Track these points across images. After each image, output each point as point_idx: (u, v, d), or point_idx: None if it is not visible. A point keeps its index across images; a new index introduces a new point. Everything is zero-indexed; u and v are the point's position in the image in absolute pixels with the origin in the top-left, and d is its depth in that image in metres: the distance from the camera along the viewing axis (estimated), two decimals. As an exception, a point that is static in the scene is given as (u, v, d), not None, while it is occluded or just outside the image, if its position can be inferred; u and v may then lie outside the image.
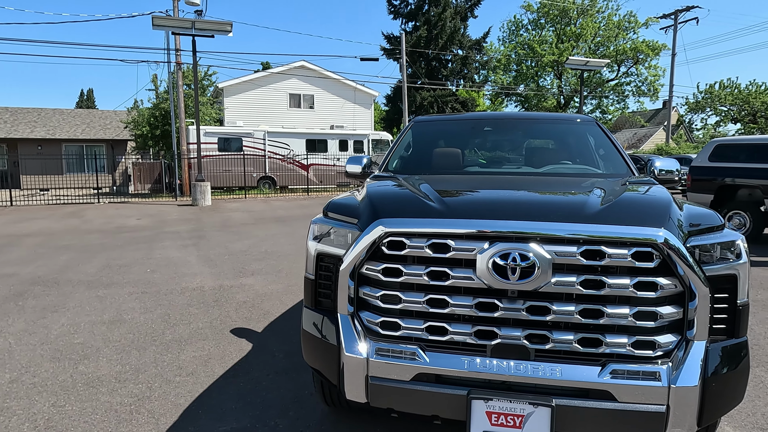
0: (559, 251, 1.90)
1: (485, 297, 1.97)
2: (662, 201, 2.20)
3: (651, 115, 49.26)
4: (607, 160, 3.45)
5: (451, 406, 1.95)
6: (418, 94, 40.60)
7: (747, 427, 2.83)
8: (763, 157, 9.06)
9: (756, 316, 4.93)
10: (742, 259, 2.05)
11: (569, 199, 2.36)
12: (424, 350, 2.02)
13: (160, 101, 23.80)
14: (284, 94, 28.42)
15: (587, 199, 2.17)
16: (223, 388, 3.27)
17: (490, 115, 4.24)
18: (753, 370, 3.63)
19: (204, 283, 6.20)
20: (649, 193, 2.41)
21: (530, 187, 2.70)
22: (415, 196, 2.33)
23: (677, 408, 1.84)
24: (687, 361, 1.88)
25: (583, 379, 1.88)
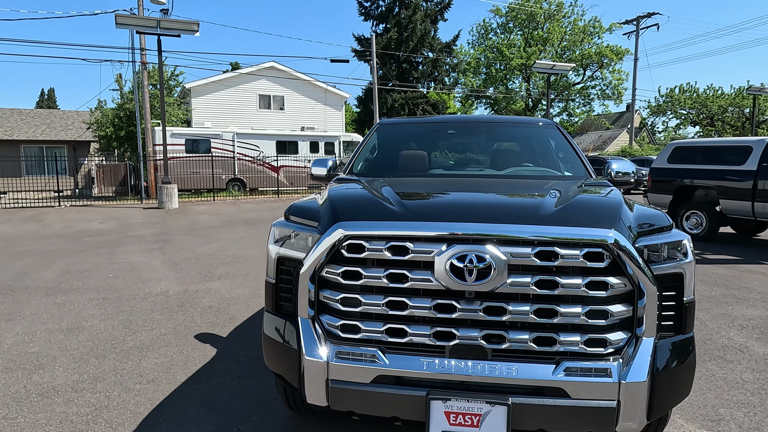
0: (514, 252, 1.94)
1: (443, 298, 1.99)
2: (614, 203, 2.27)
3: (615, 117, 50.67)
4: (567, 162, 3.54)
5: (410, 407, 1.97)
6: (389, 96, 40.73)
7: (698, 420, 2.94)
8: (718, 159, 9.44)
9: (710, 312, 5.14)
10: (688, 258, 2.13)
11: (525, 201, 2.41)
12: (384, 352, 2.03)
13: (125, 101, 23.18)
14: (254, 95, 28.09)
15: (543, 202, 2.22)
16: (186, 395, 3.21)
17: (455, 118, 4.31)
18: (705, 364, 3.78)
19: (168, 288, 6.07)
20: (602, 196, 2.48)
21: (490, 189, 2.75)
22: (375, 199, 2.34)
23: (627, 403, 1.91)
24: (636, 358, 1.94)
25: (539, 378, 1.93)
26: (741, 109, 37.78)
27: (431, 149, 3.81)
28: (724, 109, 38.68)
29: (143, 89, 20.89)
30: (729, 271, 7.10)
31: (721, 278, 6.65)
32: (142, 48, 20.85)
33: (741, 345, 4.19)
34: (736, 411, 3.04)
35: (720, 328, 4.62)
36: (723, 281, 6.48)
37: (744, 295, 5.83)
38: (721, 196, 9.24)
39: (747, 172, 8.82)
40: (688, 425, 2.87)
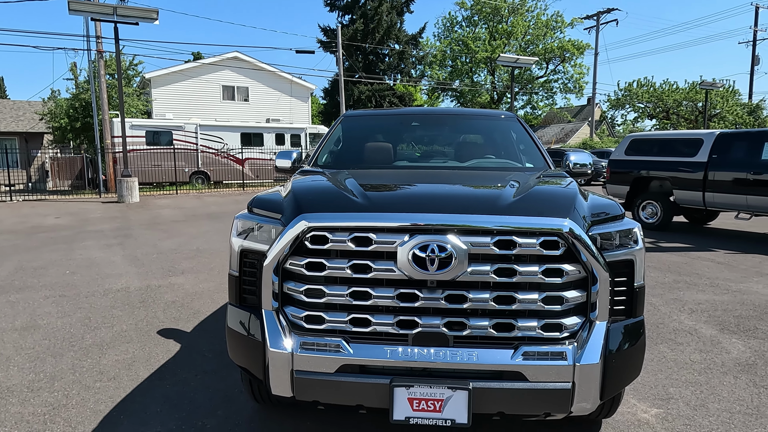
0: (474, 242, 1.99)
1: (406, 288, 2.03)
2: (569, 193, 2.36)
3: (577, 111, 51.94)
4: (527, 154, 3.63)
5: (374, 395, 2.00)
6: (355, 88, 40.53)
7: (649, 399, 3.09)
8: (672, 151, 9.83)
9: (662, 297, 5.38)
10: (638, 245, 2.23)
11: (485, 192, 2.47)
12: (348, 342, 2.06)
13: (80, 91, 22.29)
14: (217, 86, 27.47)
15: (502, 192, 2.29)
16: (148, 391, 3.16)
17: (419, 110, 4.35)
18: (657, 346, 3.97)
19: (129, 283, 5.92)
20: (558, 186, 2.57)
21: (452, 180, 2.80)
22: (338, 191, 2.35)
23: (581, 384, 1.99)
24: (590, 341, 2.03)
25: (498, 362, 1.99)
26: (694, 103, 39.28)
27: (396, 141, 3.84)
28: (679, 103, 40.14)
29: (100, 79, 20.14)
30: (681, 258, 7.44)
31: (674, 265, 6.95)
32: (97, 36, 20.07)
33: (691, 328, 4.41)
34: (684, 390, 3.21)
35: (672, 313, 4.85)
36: (675, 268, 6.78)
37: (694, 280, 6.12)
38: (675, 187, 9.65)
39: (698, 164, 9.23)
40: (640, 404, 3.01)
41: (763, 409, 2.97)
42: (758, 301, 5.22)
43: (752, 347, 3.95)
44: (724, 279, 6.20)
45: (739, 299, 5.31)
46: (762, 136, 8.66)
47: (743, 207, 8.71)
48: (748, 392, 3.18)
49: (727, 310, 4.94)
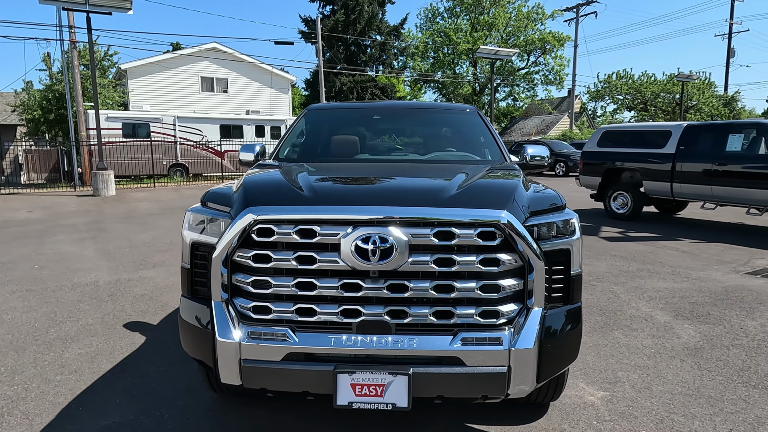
0: (415, 233, 2.07)
1: (350, 278, 2.10)
2: (510, 185, 2.44)
3: (558, 102, 52.39)
4: (485, 147, 3.71)
5: (319, 381, 2.08)
6: (337, 80, 40.31)
7: (598, 382, 3.22)
8: (642, 142, 10.04)
9: (624, 285, 5.54)
10: (575, 235, 2.33)
11: (429, 185, 2.55)
12: (294, 331, 2.12)
13: (54, 83, 21.82)
14: (196, 77, 27.12)
15: (446, 185, 2.36)
16: (110, 383, 3.19)
17: (382, 104, 4.41)
18: (612, 332, 4.11)
19: (99, 277, 5.90)
20: (502, 179, 2.65)
21: (403, 173, 2.87)
22: (286, 184, 2.41)
23: (517, 367, 2.09)
24: (525, 327, 2.13)
25: (437, 348, 2.08)
26: (672, 95, 39.92)
27: (358, 135, 3.89)
28: (657, 95, 40.75)
29: (73, 70, 19.72)
30: (647, 247, 7.64)
31: (639, 254, 7.15)
32: (70, 26, 19.61)
33: (647, 314, 4.57)
34: (632, 373, 3.35)
35: (631, 300, 5.01)
36: (641, 257, 6.97)
37: (657, 269, 6.31)
38: (645, 178, 9.87)
39: (666, 155, 9.46)
40: (588, 388, 3.14)
41: (704, 389, 3.12)
42: (714, 288, 5.42)
43: (702, 332, 4.12)
44: (686, 267, 6.40)
45: (697, 287, 5.50)
46: (727, 128, 8.89)
47: (709, 197, 8.95)
48: (692, 375, 3.33)
49: (684, 297, 5.12)
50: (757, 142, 8.39)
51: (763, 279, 5.83)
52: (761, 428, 2.68)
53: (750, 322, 4.36)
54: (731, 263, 6.62)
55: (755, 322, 4.36)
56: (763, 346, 3.82)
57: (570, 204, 2.57)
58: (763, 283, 5.62)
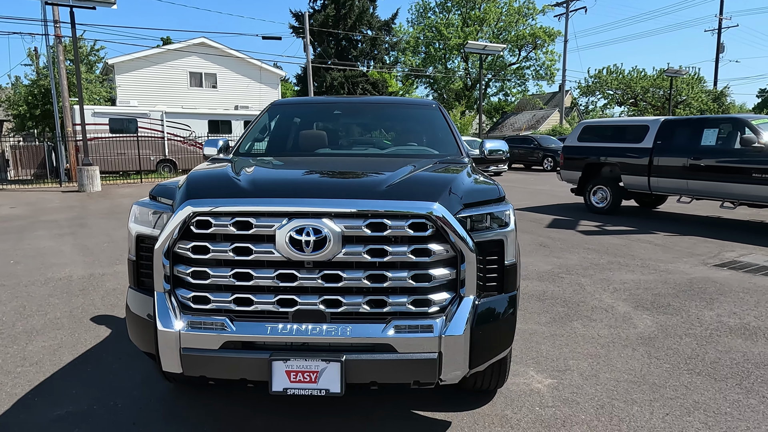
0: (347, 225, 2.13)
1: (285, 269, 2.16)
2: (448, 178, 2.51)
3: (549, 97, 52.54)
4: (443, 141, 3.77)
5: (255, 369, 2.14)
6: (328, 75, 40.23)
7: (548, 370, 3.31)
8: (621, 137, 10.15)
9: (592, 278, 5.64)
10: (509, 227, 2.40)
11: (369, 178, 2.60)
12: (232, 320, 2.19)
13: (39, 78, 21.67)
14: (184, 73, 27.00)
15: (384, 178, 2.42)
16: (69, 375, 3.24)
17: (345, 99, 4.46)
18: (571, 323, 4.20)
19: (73, 272, 5.93)
20: (444, 172, 2.72)
21: (351, 167, 2.94)
22: (228, 178, 2.46)
23: (448, 354, 2.16)
24: (456, 315, 2.20)
25: (370, 336, 2.15)
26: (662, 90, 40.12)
27: (320, 130, 3.95)
28: (646, 90, 40.95)
29: (59, 65, 19.60)
30: (621, 240, 7.75)
31: (613, 247, 7.26)
32: (55, 20, 19.48)
33: (608, 305, 4.67)
34: (582, 362, 3.44)
35: (596, 292, 5.11)
36: (613, 250, 7.08)
37: (627, 261, 6.42)
38: (623, 172, 9.97)
39: (644, 150, 9.56)
40: (537, 376, 3.23)
41: (649, 377, 3.21)
42: (680, 280, 5.53)
43: (658, 322, 4.22)
44: (656, 260, 6.51)
45: (663, 278, 5.61)
46: (702, 122, 9.01)
47: (684, 191, 9.08)
48: (641, 363, 3.43)
49: (649, 288, 5.22)
50: (731, 137, 8.52)
51: (729, 271, 5.95)
52: (696, 412, 2.78)
53: (707, 312, 4.47)
54: (701, 256, 6.74)
55: (712, 312, 4.47)
56: (715, 335, 3.92)
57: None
58: (728, 275, 5.74)
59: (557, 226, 9.01)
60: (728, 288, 5.22)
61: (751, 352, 3.60)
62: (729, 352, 3.59)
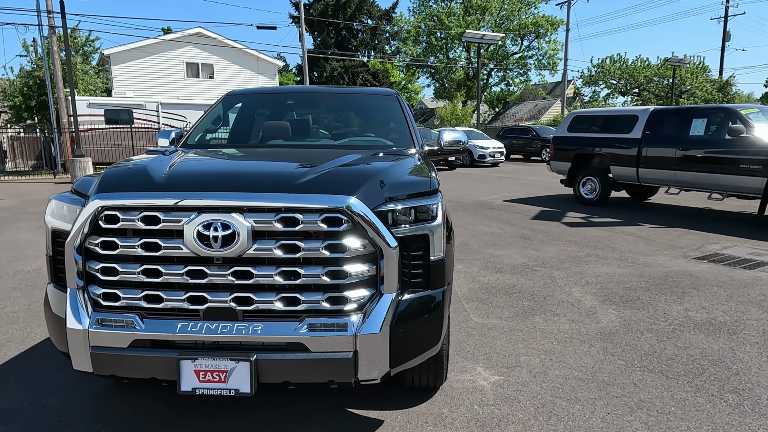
0: (257, 220, 2.05)
1: (194, 265, 2.09)
2: (374, 170, 2.41)
3: (552, 87, 52.03)
4: (398, 132, 3.68)
5: (165, 368, 2.08)
6: (328, 65, 40.00)
7: (497, 367, 3.23)
8: (610, 127, 9.99)
9: (566, 271, 5.55)
10: (435, 221, 2.31)
11: (289, 171, 2.50)
12: (142, 318, 2.12)
13: (34, 69, 21.61)
14: (180, 63, 26.87)
15: (305, 171, 2.32)
16: (8, 370, 3.20)
17: (302, 89, 4.36)
18: (533, 317, 4.12)
19: (44, 265, 5.88)
20: (377, 163, 2.62)
21: (285, 159, 2.84)
22: (143, 171, 2.38)
23: (365, 353, 2.09)
24: (374, 312, 2.12)
25: (281, 335, 2.07)
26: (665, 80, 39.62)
27: (272, 120, 3.86)
28: (650, 80, 40.45)
29: (53, 55, 19.52)
30: (605, 232, 7.64)
31: (594, 239, 7.15)
32: (48, 10, 19.36)
33: (576, 299, 4.58)
34: (535, 358, 3.36)
35: (567, 285, 5.02)
36: (595, 242, 6.97)
37: (606, 254, 6.31)
38: (612, 163, 9.83)
39: (633, 140, 9.41)
40: (485, 372, 3.15)
41: (599, 374, 3.13)
42: (656, 273, 5.43)
43: (623, 317, 4.13)
44: (636, 252, 6.40)
45: (639, 272, 5.51)
46: (691, 112, 8.84)
47: (673, 182, 8.93)
48: (594, 359, 3.35)
49: (621, 282, 5.13)
50: (720, 127, 8.35)
51: (709, 264, 5.84)
52: (639, 411, 2.70)
53: (676, 306, 4.38)
54: (683, 248, 6.63)
55: (681, 306, 4.38)
56: (678, 330, 3.83)
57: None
58: (707, 268, 5.63)
59: (543, 218, 8.90)
60: (703, 281, 5.12)
61: (711, 348, 3.51)
62: (688, 348, 3.50)
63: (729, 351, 3.46)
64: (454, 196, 12.01)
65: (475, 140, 22.19)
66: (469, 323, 4.00)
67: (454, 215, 9.13)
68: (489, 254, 6.33)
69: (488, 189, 13.42)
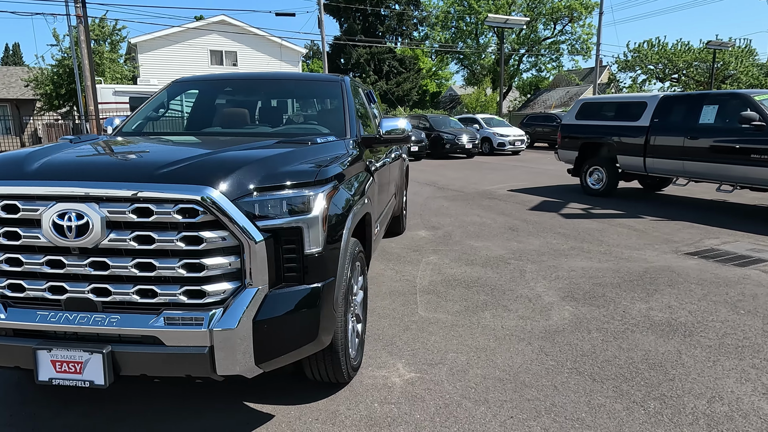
0: (111, 210, 2.01)
1: (53, 255, 2.07)
2: (245, 159, 2.29)
3: (585, 73, 50.33)
4: (334, 120, 3.57)
5: (23, 357, 2.07)
6: (354, 51, 39.86)
7: (418, 364, 3.12)
8: (619, 115, 9.54)
9: (541, 264, 5.34)
10: (311, 213, 2.21)
11: (153, 160, 2.38)
12: (6, 306, 2.12)
13: (64, 57, 22.35)
14: (205, 51, 27.26)
15: (176, 160, 2.23)
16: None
17: (246, 75, 4.29)
18: (482, 313, 3.97)
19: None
20: (257, 152, 2.51)
21: (184, 147, 2.79)
22: (20, 159, 2.34)
23: (222, 348, 2.03)
24: (233, 307, 2.05)
25: (136, 327, 2.04)
26: (707, 64, 37.69)
27: (214, 108, 3.81)
28: (690, 64, 38.58)
29: (81, 44, 20.09)
30: (600, 224, 7.33)
31: (585, 232, 6.87)
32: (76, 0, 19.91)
33: (536, 295, 4.39)
34: (463, 356, 3.23)
35: (534, 279, 4.83)
36: (584, 235, 6.70)
37: (592, 247, 6.05)
38: (619, 152, 9.41)
39: (640, 128, 8.96)
40: (403, 369, 3.05)
41: (522, 375, 2.98)
42: (635, 269, 5.16)
43: (577, 314, 3.94)
44: (624, 246, 6.11)
45: (617, 267, 5.25)
46: (701, 98, 8.34)
47: (680, 173, 8.48)
48: (525, 359, 3.19)
49: (594, 277, 4.90)
50: (731, 114, 7.84)
51: (699, 259, 5.52)
52: (545, 416, 2.55)
53: (640, 305, 4.14)
54: (677, 242, 6.29)
55: (645, 305, 4.14)
56: (629, 331, 3.62)
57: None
58: (693, 264, 5.32)
59: (541, 209, 8.62)
60: (683, 279, 4.83)
61: (657, 351, 3.30)
62: (631, 350, 3.30)
63: (675, 354, 3.25)
64: (460, 185, 11.79)
65: (495, 128, 21.73)
66: (413, 317, 3.89)
67: (451, 205, 8.96)
68: (468, 246, 6.17)
69: (497, 178, 13.12)
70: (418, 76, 43.92)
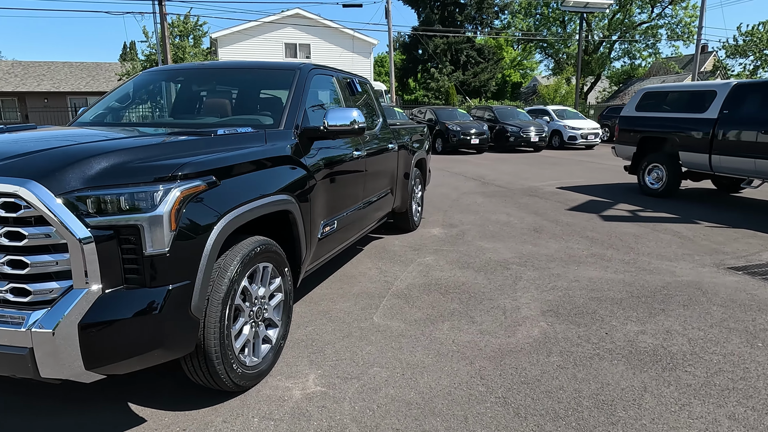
0: None
1: None
2: (84, 151, 2.12)
3: (687, 61, 45.73)
4: (277, 111, 3.37)
5: None
6: (431, 42, 39.27)
7: (334, 376, 2.86)
8: (684, 106, 8.46)
9: (542, 271, 4.82)
10: (152, 211, 2.04)
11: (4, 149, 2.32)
12: None
13: (152, 53, 24.11)
14: (280, 44, 28.13)
15: (24, 151, 2.14)
16: None
17: (203, 65, 4.17)
18: (442, 323, 3.62)
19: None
20: (121, 143, 2.36)
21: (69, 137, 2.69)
22: None
23: (42, 350, 1.93)
24: (55, 308, 1.94)
25: None
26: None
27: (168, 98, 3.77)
28: (814, 49, 33.79)
29: (164, 40, 21.55)
30: (641, 229, 6.52)
31: (618, 237, 6.14)
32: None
33: (514, 307, 3.93)
34: (385, 371, 2.92)
35: (524, 288, 4.35)
36: (614, 240, 5.99)
37: (615, 255, 5.38)
38: (681, 148, 8.34)
39: (707, 121, 7.87)
40: (313, 381, 2.80)
41: (438, 400, 2.63)
42: (653, 283, 4.48)
43: (549, 333, 3.45)
44: (656, 255, 5.37)
45: (632, 279, 4.60)
46: (782, 86, 7.12)
47: (752, 173, 7.32)
48: (453, 381, 2.82)
49: (595, 290, 4.32)
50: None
51: (741, 276, 4.69)
52: (430, 455, 2.21)
53: (631, 327, 3.56)
54: (726, 254, 5.42)
55: (638, 327, 3.55)
56: (597, 358, 3.10)
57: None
58: (732, 281, 4.53)
59: (580, 209, 7.87)
60: (707, 298, 4.12)
61: (617, 385, 2.78)
62: (584, 382, 2.81)
63: (637, 392, 2.71)
64: (507, 180, 11.15)
65: (566, 120, 20.39)
66: (363, 323, 3.62)
67: (484, 202, 8.46)
68: (476, 247, 5.73)
69: (552, 174, 12.25)
70: (496, 67, 42.42)
